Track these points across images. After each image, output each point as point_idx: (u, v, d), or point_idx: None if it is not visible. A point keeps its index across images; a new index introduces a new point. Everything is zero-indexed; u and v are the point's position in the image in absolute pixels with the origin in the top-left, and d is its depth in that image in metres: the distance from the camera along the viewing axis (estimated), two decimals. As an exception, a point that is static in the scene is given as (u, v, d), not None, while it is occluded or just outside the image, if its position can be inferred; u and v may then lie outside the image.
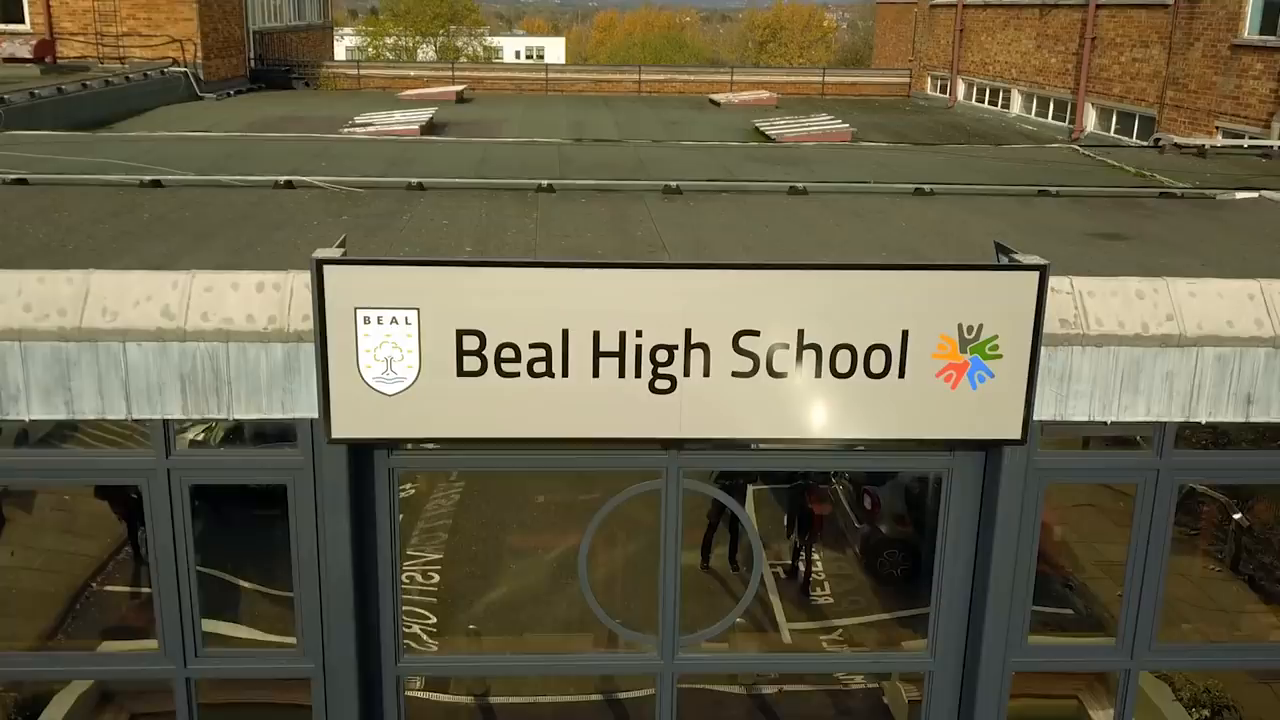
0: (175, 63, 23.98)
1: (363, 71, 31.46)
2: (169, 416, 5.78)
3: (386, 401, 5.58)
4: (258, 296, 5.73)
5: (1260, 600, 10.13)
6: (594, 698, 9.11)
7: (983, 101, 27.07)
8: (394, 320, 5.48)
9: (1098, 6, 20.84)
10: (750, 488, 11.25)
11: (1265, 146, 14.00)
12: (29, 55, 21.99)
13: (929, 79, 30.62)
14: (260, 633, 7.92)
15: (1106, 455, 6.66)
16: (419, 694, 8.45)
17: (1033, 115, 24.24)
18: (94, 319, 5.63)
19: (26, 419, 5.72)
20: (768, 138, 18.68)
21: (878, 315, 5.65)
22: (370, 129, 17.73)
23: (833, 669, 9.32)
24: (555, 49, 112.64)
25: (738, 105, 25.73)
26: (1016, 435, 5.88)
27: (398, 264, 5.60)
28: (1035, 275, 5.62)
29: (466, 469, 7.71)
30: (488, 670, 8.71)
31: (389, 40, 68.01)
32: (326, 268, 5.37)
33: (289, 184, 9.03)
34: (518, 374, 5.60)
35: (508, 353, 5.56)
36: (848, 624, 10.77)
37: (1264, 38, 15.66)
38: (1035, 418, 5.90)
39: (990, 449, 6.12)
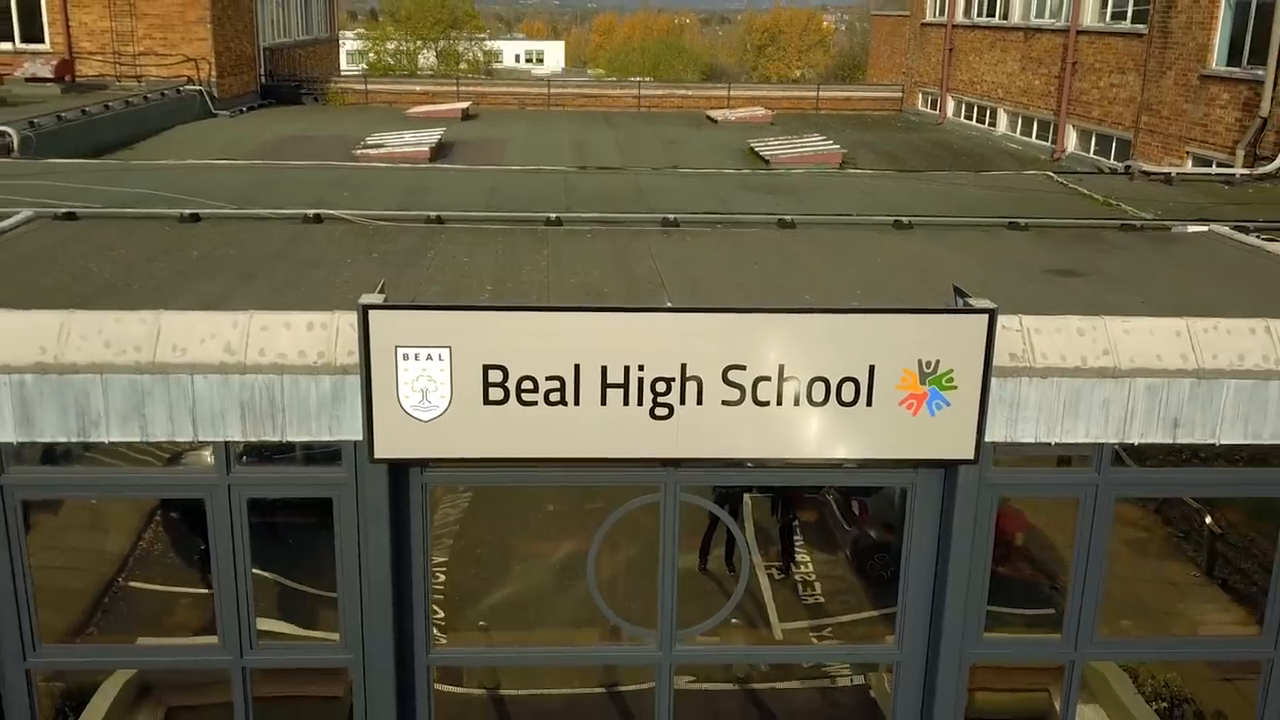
0: (190, 81, 24.77)
1: (370, 86, 32.29)
2: (230, 439, 6.62)
3: (422, 426, 6.41)
4: (308, 334, 6.56)
5: (1234, 604, 10.78)
6: (598, 690, 9.86)
7: (971, 119, 27.87)
8: (429, 357, 6.31)
9: (1078, 33, 21.66)
10: (746, 495, 12.10)
11: (1229, 174, 14.84)
12: (50, 75, 22.76)
13: (920, 95, 31.45)
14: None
15: (1051, 472, 7.48)
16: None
17: (1018, 134, 25.07)
18: (165, 354, 6.45)
19: (106, 440, 6.56)
20: (761, 159, 19.52)
21: (848, 352, 6.47)
22: (383, 150, 18.59)
23: (811, 659, 10.13)
24: (555, 52, 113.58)
25: (734, 122, 26.56)
26: (970, 455, 6.70)
27: (432, 309, 6.46)
28: (985, 318, 6.45)
29: (490, 484, 8.57)
30: (505, 661, 9.54)
31: (390, 45, 68.69)
32: (371, 312, 6.22)
33: (318, 218, 9.81)
34: (535, 403, 6.42)
35: (527, 384, 6.39)
36: (838, 622, 11.56)
37: (1230, 69, 16.46)
38: (987, 440, 6.72)
39: (948, 467, 6.95)
